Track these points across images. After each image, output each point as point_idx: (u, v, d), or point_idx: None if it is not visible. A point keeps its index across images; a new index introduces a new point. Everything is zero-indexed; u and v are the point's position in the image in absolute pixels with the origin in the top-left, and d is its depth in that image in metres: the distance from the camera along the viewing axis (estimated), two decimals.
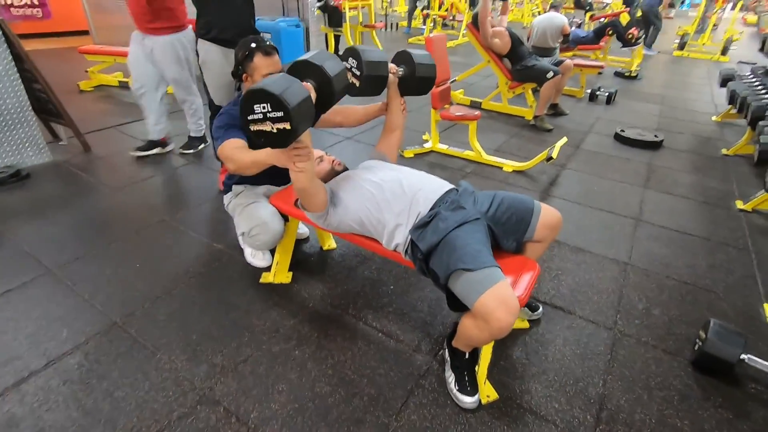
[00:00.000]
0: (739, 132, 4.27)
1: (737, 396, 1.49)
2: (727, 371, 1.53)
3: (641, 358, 1.63)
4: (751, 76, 4.26)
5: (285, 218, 1.85)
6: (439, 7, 8.77)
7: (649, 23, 7.83)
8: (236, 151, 1.55)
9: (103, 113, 4.02)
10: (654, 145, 3.77)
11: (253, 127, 1.16)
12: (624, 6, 9.04)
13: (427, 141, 3.58)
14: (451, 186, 1.53)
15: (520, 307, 1.19)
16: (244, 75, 1.70)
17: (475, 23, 4.21)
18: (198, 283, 1.91)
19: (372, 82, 1.58)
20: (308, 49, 4.74)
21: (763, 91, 3.66)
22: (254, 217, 1.78)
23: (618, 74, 6.41)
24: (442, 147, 3.44)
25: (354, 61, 1.57)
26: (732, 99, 3.86)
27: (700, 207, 2.81)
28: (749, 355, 1.50)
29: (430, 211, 1.40)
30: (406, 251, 1.43)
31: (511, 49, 4.09)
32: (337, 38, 6.23)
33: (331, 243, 2.19)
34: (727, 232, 2.53)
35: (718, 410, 1.44)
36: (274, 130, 1.13)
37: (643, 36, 6.73)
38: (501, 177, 3.10)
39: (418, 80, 1.69)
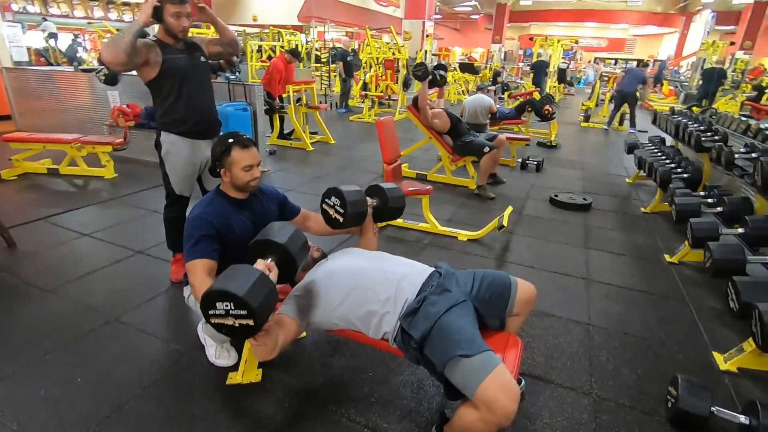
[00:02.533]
0: (650, 191, 4.87)
1: None
2: (702, 425, 1.60)
3: (623, 423, 1.67)
4: (650, 144, 4.95)
5: None
6: (376, 88, 9.45)
7: (629, 104, 8.81)
8: (204, 282, 1.49)
9: (29, 204, 3.69)
10: (584, 207, 4.16)
11: (215, 321, 1.16)
12: (534, 87, 10.41)
13: None
14: (433, 269, 1.56)
15: None
16: (222, 170, 1.68)
17: (416, 105, 4.57)
18: (154, 393, 1.70)
19: (355, 217, 1.71)
20: (255, 130, 4.83)
21: (663, 158, 4.25)
22: None
23: (540, 144, 7.15)
24: (398, 220, 3.53)
25: (337, 200, 1.69)
26: (640, 164, 4.43)
27: (635, 262, 3.08)
28: (717, 407, 1.59)
29: (417, 296, 1.41)
30: (395, 339, 1.40)
31: (450, 127, 4.46)
32: (282, 119, 6.42)
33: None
34: (665, 284, 2.77)
35: None
36: (237, 325, 1.14)
37: (556, 112, 7.67)
38: (458, 246, 3.22)
39: (390, 210, 1.86)
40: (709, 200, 2.93)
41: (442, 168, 4.80)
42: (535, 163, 5.55)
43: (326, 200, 1.73)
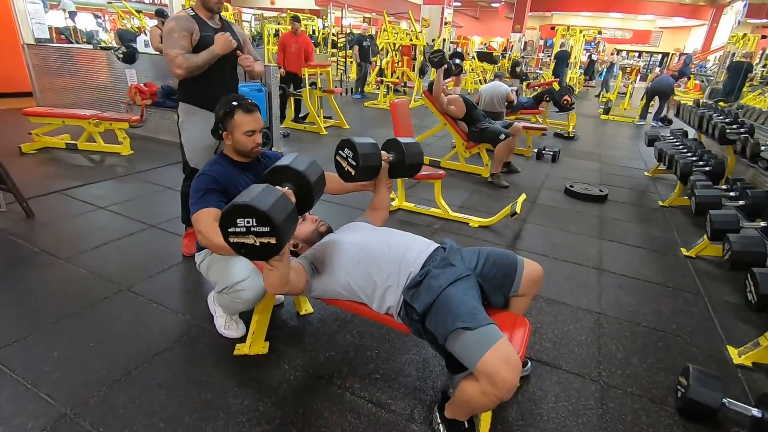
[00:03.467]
0: (669, 185, 4.75)
1: None
2: (711, 416, 1.57)
3: (630, 410, 1.64)
4: (672, 137, 4.82)
5: None
6: (392, 75, 9.35)
7: (660, 98, 8.65)
8: (212, 227, 1.48)
9: (47, 177, 3.76)
10: (600, 199, 4.08)
11: (234, 240, 1.11)
12: (554, 77, 10.19)
13: (393, 199, 3.65)
14: (438, 244, 1.54)
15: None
16: (224, 133, 1.68)
17: (430, 90, 4.51)
18: (163, 361, 1.73)
19: (367, 171, 1.65)
20: (270, 112, 4.82)
21: (684, 150, 4.13)
22: (237, 271, 1.67)
23: (557, 135, 7.02)
24: (409, 204, 3.51)
25: (350, 152, 1.63)
26: (660, 157, 4.32)
27: (651, 255, 3.01)
28: (728, 399, 1.55)
29: (420, 270, 1.39)
30: (399, 313, 1.40)
31: (466, 114, 4.39)
32: (297, 102, 6.40)
33: (308, 307, 2.10)
34: (680, 277, 2.71)
35: None
36: (257, 244, 1.10)
37: (575, 103, 7.50)
38: (469, 232, 3.19)
39: (407, 166, 1.78)
40: (731, 193, 2.84)
41: (455, 155, 4.75)
42: (552, 153, 5.45)
43: (339, 152, 1.65)
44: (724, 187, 3.00)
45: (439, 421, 1.44)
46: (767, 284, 1.70)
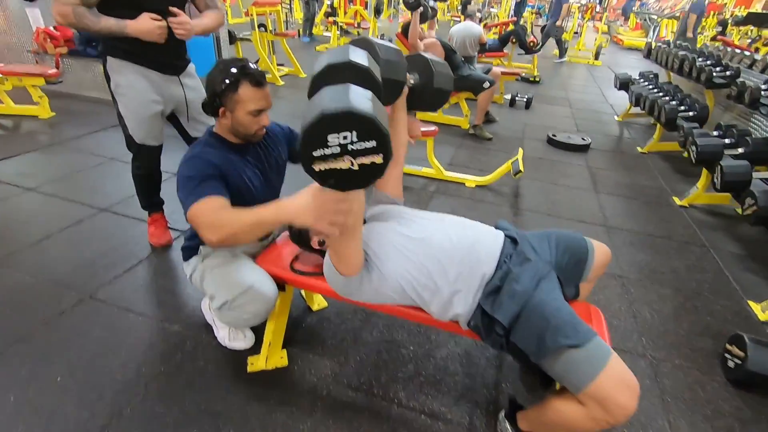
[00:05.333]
0: (641, 129, 4.78)
1: None
2: (765, 386, 1.54)
3: (686, 386, 1.57)
4: (644, 80, 4.77)
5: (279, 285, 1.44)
6: (344, 14, 8.54)
7: (550, 36, 8.49)
8: (225, 215, 1.14)
9: None
10: (584, 148, 3.99)
11: (320, 167, 0.81)
12: (513, 16, 9.83)
13: None
14: (500, 231, 1.29)
15: None
16: (221, 109, 1.26)
17: (405, 33, 4.06)
18: (161, 390, 1.40)
19: (386, 87, 1.17)
20: (220, 57, 4.15)
21: (663, 95, 4.08)
22: (238, 281, 1.34)
23: (523, 79, 6.82)
24: None
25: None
26: (638, 102, 4.26)
27: (647, 207, 2.98)
28: None
29: (496, 270, 1.15)
30: (470, 322, 1.16)
31: (445, 60, 4.01)
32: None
33: (321, 301, 1.81)
34: (681, 229, 2.70)
35: None
36: (355, 167, 0.81)
37: (540, 45, 7.27)
38: (467, 193, 2.97)
39: (433, 92, 1.35)
40: (726, 140, 2.81)
41: None
42: (525, 100, 5.27)
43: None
44: (715, 133, 2.96)
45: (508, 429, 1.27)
46: None
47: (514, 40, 6.52)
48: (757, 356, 1.50)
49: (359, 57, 1.01)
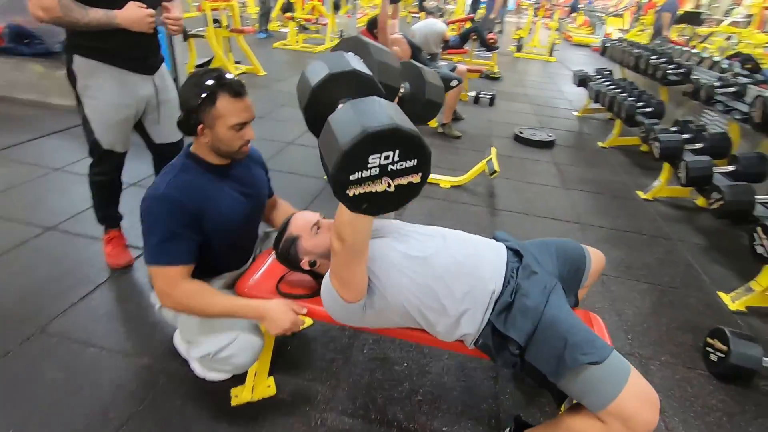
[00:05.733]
0: (598, 125, 4.94)
1: (764, 400, 1.56)
2: (751, 377, 1.59)
3: (674, 383, 1.60)
4: (600, 77, 4.93)
5: None
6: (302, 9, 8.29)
7: (485, 28, 8.65)
8: (191, 286, 1.14)
9: None
10: (549, 144, 4.07)
11: (356, 191, 0.74)
12: (470, 13, 9.94)
13: None
14: (499, 243, 1.24)
15: None
16: (200, 126, 1.12)
17: (370, 29, 3.96)
18: None
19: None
20: (174, 58, 3.88)
21: (620, 91, 4.23)
22: (223, 328, 1.22)
23: (484, 76, 6.90)
24: None
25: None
26: (597, 98, 4.39)
27: (615, 201, 3.07)
28: (765, 358, 1.57)
29: (504, 286, 1.09)
30: (477, 341, 1.10)
31: (411, 57, 3.95)
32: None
33: (305, 319, 1.69)
34: (648, 223, 2.79)
35: (761, 420, 1.48)
36: (392, 188, 0.76)
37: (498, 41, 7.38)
38: (442, 194, 2.93)
39: (425, 104, 1.28)
40: (685, 136, 2.93)
41: None
42: (489, 97, 5.32)
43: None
44: (674, 129, 3.09)
45: None
46: None
47: (474, 37, 6.57)
48: (739, 349, 1.55)
49: (360, 64, 0.92)
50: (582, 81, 5.06)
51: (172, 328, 1.56)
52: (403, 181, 0.76)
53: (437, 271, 1.08)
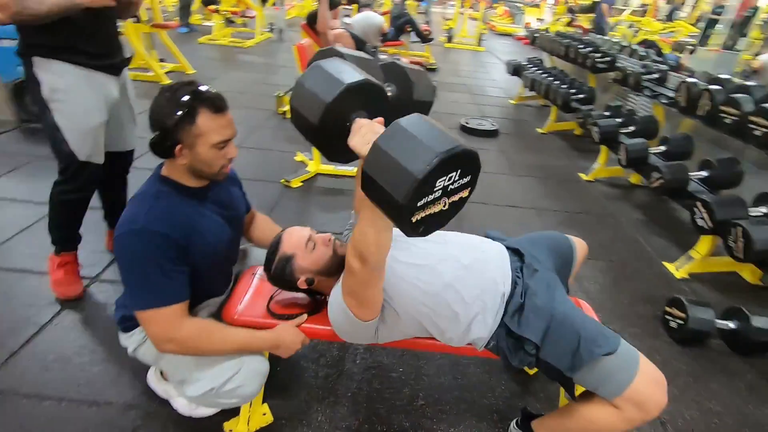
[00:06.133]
0: (532, 111, 5.20)
1: (720, 358, 1.74)
2: (705, 339, 1.76)
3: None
4: (532, 66, 5.19)
5: None
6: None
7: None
8: (193, 324, 1.04)
9: None
10: (493, 133, 4.22)
11: (419, 216, 0.72)
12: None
13: (302, 162, 3.10)
14: (497, 243, 1.24)
15: None
16: (178, 147, 0.99)
17: (310, 23, 3.83)
18: None
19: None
20: None
21: (553, 79, 4.48)
22: (226, 360, 1.11)
23: (423, 68, 6.98)
24: (328, 167, 3.02)
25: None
26: (533, 86, 4.61)
27: (562, 185, 3.25)
28: (717, 320, 1.75)
29: (514, 287, 1.10)
30: (489, 344, 1.10)
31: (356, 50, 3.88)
32: None
33: None
34: (594, 203, 3.00)
35: (718, 376, 1.65)
36: (446, 207, 0.76)
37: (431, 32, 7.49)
38: None
39: (414, 105, 1.21)
40: (618, 120, 3.17)
41: None
42: None
43: None
44: (607, 114, 3.34)
45: None
46: (722, 211, 1.91)
47: (409, 29, 6.61)
48: (696, 315, 1.71)
49: (363, 73, 0.86)
50: (516, 70, 5.28)
51: (142, 366, 1.40)
52: (456, 197, 0.76)
53: (446, 278, 1.07)
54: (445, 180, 0.71)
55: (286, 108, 3.99)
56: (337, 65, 0.88)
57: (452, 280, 1.07)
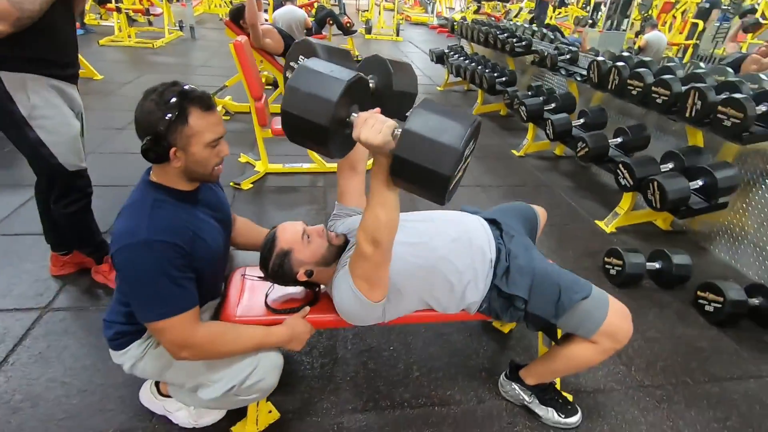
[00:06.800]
0: (459, 95, 5.49)
1: (651, 294, 2.04)
2: (639, 280, 2.06)
3: None
4: (455, 54, 5.45)
5: None
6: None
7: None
8: (204, 328, 1.03)
9: None
10: None
11: (452, 183, 0.85)
12: None
13: (248, 163, 3.03)
14: (475, 216, 1.36)
15: None
16: (172, 150, 0.95)
17: (235, 20, 3.71)
18: None
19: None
20: None
21: (476, 65, 4.75)
22: (243, 358, 1.10)
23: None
24: (276, 166, 2.98)
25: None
26: (458, 72, 4.86)
27: (499, 162, 3.51)
28: (647, 263, 2.04)
29: (498, 252, 1.22)
30: (481, 306, 1.22)
31: (285, 47, 3.82)
32: None
33: None
34: (529, 176, 3.29)
35: (653, 309, 1.94)
36: (462, 172, 0.93)
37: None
38: None
39: (394, 96, 1.23)
40: (540, 98, 3.49)
41: (280, 96, 4.20)
42: None
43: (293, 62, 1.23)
44: (530, 93, 3.65)
45: (522, 390, 1.38)
46: (640, 170, 2.22)
47: (331, 22, 6.59)
48: (631, 260, 1.99)
49: (351, 69, 0.91)
50: (439, 58, 5.53)
51: (127, 388, 1.34)
52: (466, 163, 0.89)
53: (440, 252, 1.16)
54: (468, 149, 0.85)
55: (220, 109, 3.83)
56: (323, 64, 0.91)
57: (446, 253, 1.16)
